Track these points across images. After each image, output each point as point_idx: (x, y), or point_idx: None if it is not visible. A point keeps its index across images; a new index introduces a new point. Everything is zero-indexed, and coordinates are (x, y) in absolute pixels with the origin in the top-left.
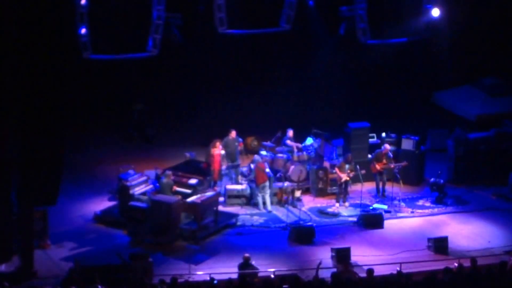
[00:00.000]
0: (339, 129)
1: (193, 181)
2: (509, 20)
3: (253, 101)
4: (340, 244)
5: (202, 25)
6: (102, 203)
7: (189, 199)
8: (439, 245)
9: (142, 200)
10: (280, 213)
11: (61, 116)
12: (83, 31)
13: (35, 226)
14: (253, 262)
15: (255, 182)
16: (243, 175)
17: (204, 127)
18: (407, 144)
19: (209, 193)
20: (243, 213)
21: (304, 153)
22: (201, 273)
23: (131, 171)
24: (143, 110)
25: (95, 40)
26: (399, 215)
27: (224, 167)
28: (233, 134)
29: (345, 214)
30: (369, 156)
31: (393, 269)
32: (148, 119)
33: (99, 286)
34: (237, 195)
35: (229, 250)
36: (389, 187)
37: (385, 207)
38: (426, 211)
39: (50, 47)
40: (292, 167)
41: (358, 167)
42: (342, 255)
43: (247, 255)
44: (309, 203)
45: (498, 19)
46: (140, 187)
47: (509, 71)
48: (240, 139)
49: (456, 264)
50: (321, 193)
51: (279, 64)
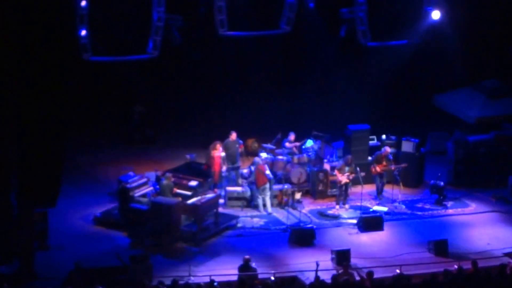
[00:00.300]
0: (339, 131)
1: (193, 183)
2: (509, 22)
3: (253, 103)
4: (340, 246)
5: (202, 27)
6: (102, 205)
7: (190, 201)
8: (439, 247)
9: (142, 202)
10: (280, 215)
11: (61, 117)
12: (83, 32)
13: (35, 228)
14: (253, 264)
15: (255, 184)
16: (244, 177)
17: (205, 129)
18: (407, 146)
19: (210, 195)
20: (244, 215)
21: (304, 155)
22: (201, 275)
23: (131, 173)
24: (143, 112)
25: (95, 42)
26: (399, 217)
27: (224, 169)
28: (233, 136)
29: (345, 216)
30: (369, 158)
31: (393, 272)
32: (148, 121)
33: None
34: (238, 197)
35: (229, 252)
36: (389, 189)
37: (385, 209)
38: (426, 213)
39: (50, 49)
40: (292, 169)
41: (358, 169)
42: (342, 257)
43: (247, 257)
44: (309, 205)
45: (498, 21)
46: (140, 189)
47: (509, 73)
48: (241, 141)
49: (456, 267)
50: (321, 195)
51: (279, 66)
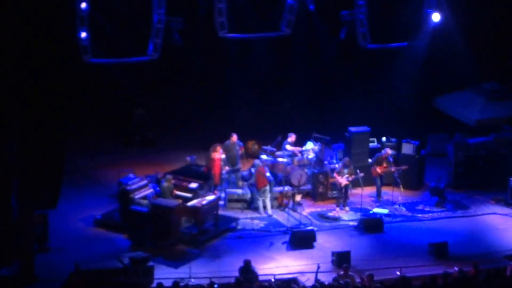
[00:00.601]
0: (340, 133)
1: (193, 185)
2: (510, 24)
3: (253, 105)
4: (340, 248)
5: (203, 29)
6: (103, 207)
7: (190, 203)
8: (440, 250)
9: (142, 204)
10: (280, 217)
11: (61, 119)
12: (83, 34)
13: (35, 230)
14: (254, 266)
15: (255, 186)
16: (244, 179)
17: (205, 131)
18: (407, 148)
19: (210, 197)
20: (244, 217)
21: (305, 157)
22: (201, 277)
23: (131, 175)
24: (143, 114)
25: (95, 44)
26: (399, 219)
27: (224, 171)
28: (234, 138)
29: (345, 218)
30: (369, 160)
31: (393, 274)
32: (149, 123)
33: None
34: (238, 199)
35: (230, 254)
36: (389, 191)
37: (385, 211)
38: (426, 215)
39: (51, 51)
40: (293, 171)
41: (358, 170)
42: (343, 259)
43: (247, 259)
44: (309, 207)
45: (499, 24)
46: (140, 191)
47: (510, 76)
48: (241, 143)
49: (456, 269)
50: (321, 197)
51: (280, 68)
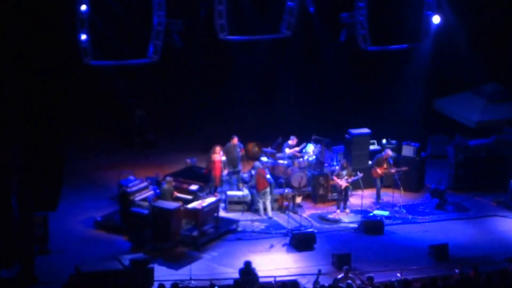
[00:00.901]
0: (340, 135)
1: (194, 187)
2: (510, 26)
3: (254, 107)
4: (340, 250)
5: (203, 31)
6: (103, 209)
7: (190, 205)
8: (440, 252)
9: (142, 206)
10: (281, 219)
11: (62, 121)
12: (83, 37)
13: (35, 232)
14: (254, 268)
15: (256, 188)
16: (244, 181)
17: (205, 133)
18: (407, 150)
19: (210, 199)
20: (244, 219)
21: (305, 159)
22: (201, 279)
23: (131, 177)
24: (144, 116)
25: (96, 46)
26: (399, 221)
27: (225, 173)
28: (235, 140)
29: (346, 220)
30: (370, 162)
31: (394, 276)
32: (149, 125)
33: None
34: (238, 201)
35: (230, 256)
36: (390, 193)
37: (386, 213)
38: (427, 217)
39: (51, 53)
40: (293, 173)
41: (358, 172)
42: (343, 262)
43: (248, 260)
44: (310, 209)
45: (499, 26)
46: (141, 193)
47: (510, 78)
48: (241, 145)
49: (456, 271)
50: (321, 199)
51: (280, 71)
